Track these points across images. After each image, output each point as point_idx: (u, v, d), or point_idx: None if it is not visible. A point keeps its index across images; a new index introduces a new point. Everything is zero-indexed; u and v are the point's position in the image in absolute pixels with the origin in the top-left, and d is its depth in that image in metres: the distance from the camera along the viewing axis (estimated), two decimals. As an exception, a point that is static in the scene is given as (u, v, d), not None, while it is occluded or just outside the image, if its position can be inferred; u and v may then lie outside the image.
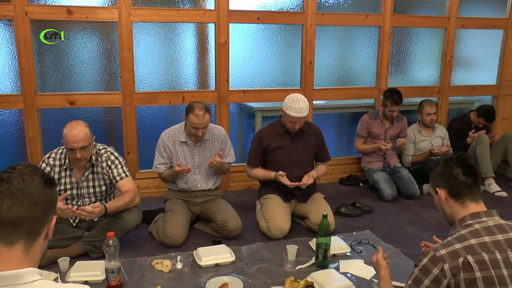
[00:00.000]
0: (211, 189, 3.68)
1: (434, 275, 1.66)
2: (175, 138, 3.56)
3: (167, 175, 3.58)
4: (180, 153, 3.56)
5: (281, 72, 4.78)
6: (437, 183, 1.92)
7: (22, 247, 1.22)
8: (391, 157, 4.75)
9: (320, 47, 4.77)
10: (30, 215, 1.23)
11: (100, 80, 4.29)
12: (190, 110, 3.40)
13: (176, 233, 3.31)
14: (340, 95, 5.01)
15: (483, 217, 1.77)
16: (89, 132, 3.05)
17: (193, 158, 3.58)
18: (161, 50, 4.42)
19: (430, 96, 5.22)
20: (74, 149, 2.97)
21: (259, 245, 3.35)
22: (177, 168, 3.38)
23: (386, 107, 4.53)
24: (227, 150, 3.68)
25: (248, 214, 3.86)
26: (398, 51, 5.15)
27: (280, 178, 3.53)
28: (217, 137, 3.64)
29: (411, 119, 5.08)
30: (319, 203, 3.66)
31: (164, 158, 3.57)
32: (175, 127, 3.61)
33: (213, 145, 3.62)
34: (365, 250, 3.27)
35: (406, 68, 5.28)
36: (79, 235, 3.16)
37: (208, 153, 3.60)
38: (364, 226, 3.74)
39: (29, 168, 1.29)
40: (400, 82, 5.19)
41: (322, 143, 3.79)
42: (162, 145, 3.57)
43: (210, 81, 4.55)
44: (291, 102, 3.43)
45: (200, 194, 3.64)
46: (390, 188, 4.42)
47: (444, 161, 1.91)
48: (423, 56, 5.34)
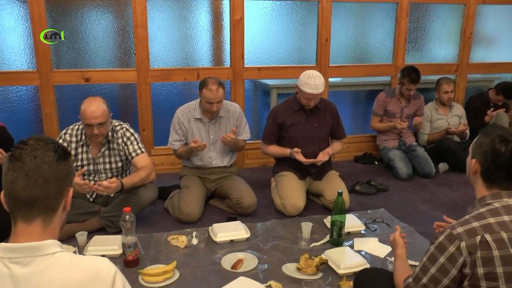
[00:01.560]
0: (226, 166, 3.68)
1: (450, 252, 1.65)
2: (190, 115, 3.56)
3: (182, 152, 3.59)
4: (195, 130, 3.56)
5: (297, 49, 4.73)
6: (476, 154, 1.78)
7: (41, 223, 1.22)
8: (407, 136, 4.71)
9: (336, 23, 4.70)
10: (44, 194, 1.21)
11: (115, 57, 4.29)
12: (204, 85, 3.39)
13: (191, 209, 3.33)
14: (356, 72, 4.95)
15: (504, 197, 1.71)
16: (107, 108, 3.06)
17: (208, 135, 3.59)
18: (176, 27, 4.40)
19: (448, 74, 5.12)
20: (92, 125, 2.98)
21: (274, 222, 3.36)
22: (193, 144, 3.38)
23: (403, 86, 4.47)
24: (242, 127, 3.68)
25: (263, 191, 3.86)
26: (415, 28, 5.06)
27: (295, 155, 3.52)
28: (232, 114, 3.63)
29: (428, 97, 5.00)
30: (334, 180, 3.65)
31: (179, 135, 3.58)
32: (190, 104, 3.61)
33: (228, 122, 3.62)
34: (379, 229, 3.27)
35: (424, 45, 5.19)
36: (96, 210, 3.20)
37: (223, 130, 3.60)
38: (379, 205, 3.73)
39: (40, 143, 1.23)
40: (418, 60, 5.11)
41: (338, 121, 3.77)
42: (177, 122, 3.57)
43: (225, 58, 4.52)
44: (307, 78, 3.40)
45: (215, 171, 3.65)
46: (405, 166, 4.39)
47: (499, 143, 1.71)
48: (442, 33, 5.23)
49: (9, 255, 1.17)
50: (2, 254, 1.18)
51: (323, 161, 3.56)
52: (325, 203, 3.59)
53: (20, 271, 1.16)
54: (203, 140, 3.55)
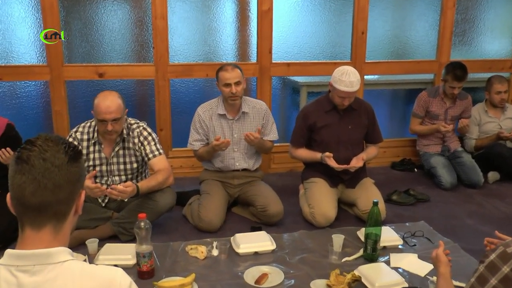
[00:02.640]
0: (251, 170, 3.69)
1: (504, 273, 1.60)
2: (212, 112, 3.58)
3: (203, 153, 3.61)
4: (218, 128, 3.58)
5: (330, 43, 4.72)
6: None
7: (51, 230, 1.23)
8: (452, 140, 4.64)
9: (374, 15, 4.68)
10: (55, 199, 1.21)
11: (131, 51, 4.35)
12: (219, 69, 3.50)
13: (212, 217, 3.34)
14: (395, 69, 4.92)
15: None
16: (122, 104, 3.09)
17: (231, 133, 3.60)
18: (198, 19, 4.44)
19: (500, 71, 5.02)
20: (106, 121, 3.02)
21: (302, 233, 3.35)
22: (215, 142, 3.39)
23: (447, 83, 4.41)
24: (269, 126, 3.69)
25: (291, 199, 3.85)
26: (463, 19, 5.00)
27: (327, 160, 3.50)
28: (258, 111, 3.64)
29: (477, 98, 4.92)
30: (368, 189, 3.63)
31: (200, 134, 3.60)
32: (212, 101, 3.64)
33: (253, 119, 3.63)
34: (419, 243, 3.22)
35: (473, 39, 5.11)
36: (108, 216, 3.23)
37: (247, 128, 3.61)
38: (419, 217, 3.69)
39: (50, 143, 1.23)
40: (465, 55, 5.04)
41: (374, 122, 3.74)
42: (198, 120, 3.59)
43: (251, 52, 4.55)
44: (341, 75, 3.38)
45: (238, 175, 3.66)
46: (449, 175, 4.32)
47: None
48: (494, 25, 5.13)
49: (16, 262, 1.18)
50: (9, 262, 1.19)
51: (357, 168, 3.53)
52: (358, 213, 3.56)
53: (28, 280, 1.17)
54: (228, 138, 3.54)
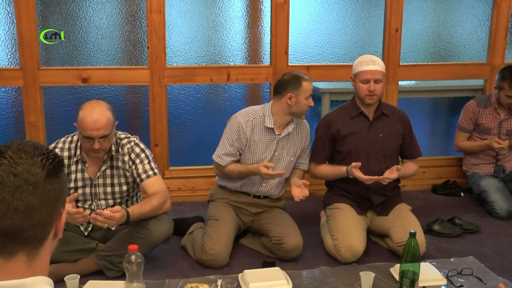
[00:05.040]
0: (274, 197, 3.73)
1: None
2: (256, 123, 3.56)
3: (233, 171, 3.58)
4: (261, 144, 3.57)
5: (357, 43, 4.77)
6: None
7: (24, 258, 1.22)
8: (507, 159, 4.65)
9: (410, 9, 4.72)
10: (28, 224, 1.19)
11: (122, 51, 4.40)
12: (298, 78, 3.49)
13: (219, 249, 3.35)
14: (435, 73, 4.94)
15: None
16: (112, 117, 3.12)
17: (273, 152, 3.60)
18: (201, 13, 4.49)
19: None
20: (93, 138, 3.05)
21: (323, 269, 3.35)
22: (263, 169, 3.38)
23: (502, 91, 4.41)
24: (307, 151, 3.77)
25: (311, 228, 3.87)
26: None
27: (353, 171, 3.51)
28: (302, 131, 3.69)
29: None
30: (404, 217, 3.63)
31: (234, 148, 3.57)
32: (255, 109, 3.62)
33: (297, 138, 3.66)
34: (467, 284, 3.21)
35: (534, 38, 5.13)
36: (92, 247, 3.23)
37: (290, 147, 3.64)
38: (467, 251, 3.68)
39: (23, 155, 1.20)
40: (523, 57, 5.05)
41: (410, 133, 3.78)
42: (237, 130, 3.55)
43: (263, 53, 4.59)
44: (360, 58, 3.67)
45: (258, 202, 3.68)
46: (504, 200, 4.32)
47: None
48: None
49: None
50: None
51: (391, 180, 3.54)
52: (392, 246, 3.56)
53: None
54: (266, 158, 3.57)
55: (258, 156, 3.56)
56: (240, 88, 4.75)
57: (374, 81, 3.53)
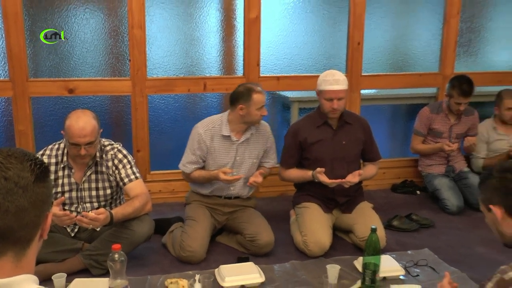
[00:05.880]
0: (244, 197, 3.72)
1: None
2: (214, 132, 3.57)
3: (198, 178, 3.61)
4: (221, 151, 3.57)
5: (323, 55, 4.78)
6: (490, 199, 1.94)
7: (12, 258, 1.21)
8: (457, 160, 4.70)
9: (371, 24, 4.74)
10: (18, 224, 1.19)
11: (105, 63, 4.36)
12: (249, 91, 3.47)
13: (196, 246, 3.35)
14: (394, 82, 4.97)
15: None
16: (97, 125, 3.10)
17: (234, 157, 3.60)
18: (179, 28, 4.48)
19: (510, 84, 5.07)
20: (79, 145, 3.03)
21: (293, 263, 3.36)
22: (222, 176, 3.40)
23: (452, 99, 4.47)
24: (272, 150, 3.76)
25: (281, 225, 3.87)
26: (469, 28, 5.09)
27: (318, 176, 3.53)
28: (263, 134, 3.69)
29: (484, 113, 4.98)
30: (367, 214, 3.66)
31: (197, 156, 3.58)
32: (214, 119, 3.63)
33: (257, 142, 3.66)
34: (422, 274, 3.25)
35: (479, 50, 5.21)
36: (78, 247, 3.21)
37: (251, 151, 3.64)
38: (422, 244, 3.72)
39: (13, 160, 1.20)
40: (471, 67, 5.13)
41: (371, 138, 3.82)
42: (198, 140, 3.57)
43: (237, 65, 4.58)
44: (324, 76, 3.57)
45: (230, 202, 3.68)
46: (455, 197, 4.37)
47: (500, 173, 1.91)
48: (502, 34, 5.24)
49: None
50: None
51: (352, 183, 3.56)
52: (356, 241, 3.59)
53: None
54: (228, 164, 3.57)
55: (220, 162, 3.56)
56: (215, 97, 4.73)
57: (337, 99, 3.53)
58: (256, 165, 3.68)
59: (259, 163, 3.73)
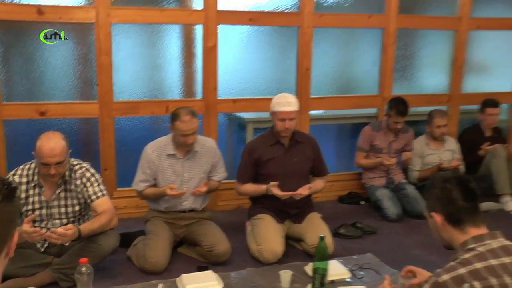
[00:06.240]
0: (198, 210, 3.70)
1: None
2: (161, 151, 3.57)
3: (149, 195, 3.61)
4: (168, 168, 3.57)
5: (275, 80, 4.82)
6: (433, 207, 1.97)
7: None
8: (396, 173, 4.78)
9: (318, 51, 4.80)
10: None
11: (75, 88, 4.31)
12: (176, 117, 3.45)
13: (158, 258, 3.33)
14: (339, 104, 5.04)
15: (486, 239, 1.81)
16: (66, 145, 3.06)
17: (182, 173, 3.60)
18: (144, 55, 4.47)
19: (439, 105, 5.24)
20: (49, 164, 2.98)
21: (250, 270, 3.36)
22: (169, 191, 3.40)
23: (390, 118, 4.57)
24: (219, 165, 3.74)
25: (238, 236, 3.85)
26: (404, 56, 5.20)
27: (272, 189, 3.57)
28: (208, 150, 3.68)
29: (419, 130, 5.10)
30: (316, 223, 3.69)
31: (147, 175, 3.58)
32: (161, 139, 3.63)
33: (203, 158, 3.65)
34: (367, 276, 3.29)
35: (413, 74, 5.34)
36: (48, 261, 3.15)
37: (198, 166, 3.63)
38: (366, 249, 3.76)
39: None
40: (406, 90, 5.23)
41: (319, 155, 3.86)
42: (146, 160, 3.57)
43: (196, 89, 4.58)
44: (277, 98, 3.63)
45: (185, 216, 3.65)
46: (394, 206, 4.44)
47: (442, 183, 1.94)
48: (432, 61, 5.40)
49: None
50: None
51: (303, 195, 3.60)
52: (306, 248, 3.61)
53: None
54: (177, 179, 3.56)
55: (169, 179, 3.54)
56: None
57: (289, 119, 3.58)
58: (205, 180, 3.66)
59: (208, 177, 3.71)
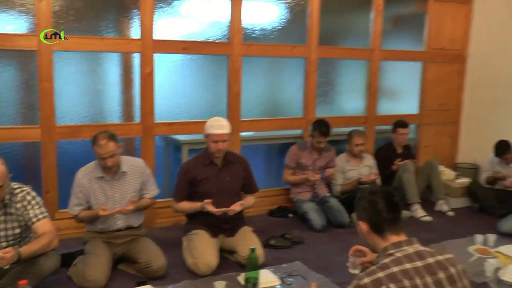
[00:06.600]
0: (133, 227, 3.63)
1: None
2: (91, 175, 3.49)
3: (84, 218, 3.50)
4: (98, 191, 3.49)
5: (208, 104, 4.82)
6: (361, 216, 2.05)
7: None
8: (320, 188, 4.87)
9: (247, 77, 4.85)
10: None
11: (17, 113, 4.13)
12: (94, 142, 3.40)
13: (97, 276, 3.23)
14: (268, 126, 5.10)
15: (404, 246, 1.92)
16: (6, 170, 2.93)
17: (112, 194, 3.52)
18: (84, 81, 4.36)
19: (357, 126, 5.42)
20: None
21: (186, 283, 3.33)
22: (101, 212, 3.32)
23: (314, 138, 4.66)
24: (149, 182, 3.67)
25: (175, 251, 3.80)
26: (324, 82, 5.34)
27: (206, 206, 3.56)
28: (137, 169, 3.61)
29: (340, 149, 5.23)
30: (247, 237, 3.71)
31: (79, 199, 3.48)
32: (91, 164, 3.55)
33: (132, 177, 3.58)
34: (295, 282, 3.33)
35: (333, 99, 5.50)
36: (-13, 284, 2.99)
37: (128, 186, 3.56)
38: (295, 258, 3.80)
39: None
40: (328, 112, 5.36)
41: (250, 174, 3.89)
42: (78, 184, 3.48)
43: (135, 113, 4.51)
44: (211, 121, 3.66)
45: (121, 234, 3.57)
46: (319, 218, 4.52)
47: (370, 195, 2.03)
48: (349, 87, 5.59)
49: None
50: None
51: (236, 211, 3.62)
52: (239, 259, 3.62)
53: None
54: (108, 200, 3.48)
55: (101, 201, 3.47)
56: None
57: (222, 141, 3.61)
58: (137, 197, 3.59)
59: (140, 195, 3.64)
